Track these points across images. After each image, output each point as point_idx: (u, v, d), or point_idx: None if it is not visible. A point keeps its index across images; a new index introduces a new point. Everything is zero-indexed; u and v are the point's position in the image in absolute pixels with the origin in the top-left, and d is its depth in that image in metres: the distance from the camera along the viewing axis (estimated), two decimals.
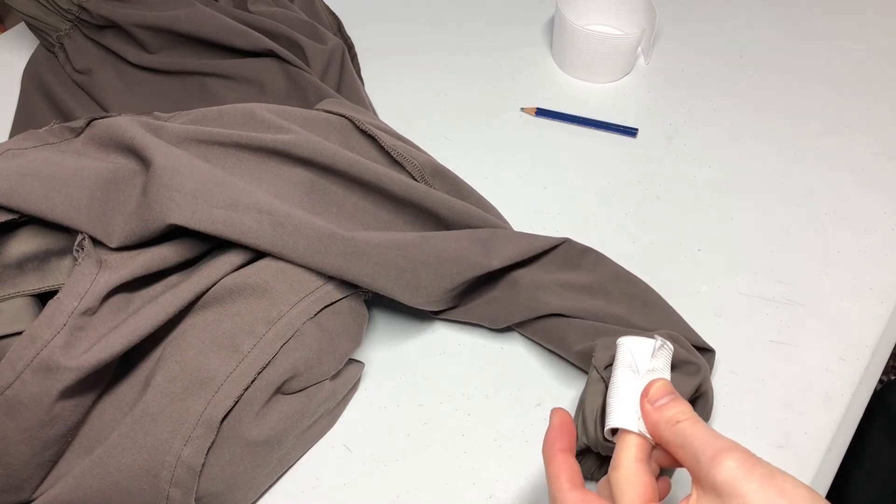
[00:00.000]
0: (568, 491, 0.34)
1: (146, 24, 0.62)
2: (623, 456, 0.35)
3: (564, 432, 0.36)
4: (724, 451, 0.31)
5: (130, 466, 0.39)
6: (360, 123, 0.51)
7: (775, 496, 0.30)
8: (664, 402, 0.35)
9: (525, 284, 0.48)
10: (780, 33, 0.74)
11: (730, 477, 0.30)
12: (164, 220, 0.42)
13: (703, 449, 0.32)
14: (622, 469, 0.35)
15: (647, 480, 0.34)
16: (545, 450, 0.36)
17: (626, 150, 0.64)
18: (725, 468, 0.30)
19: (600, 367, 0.41)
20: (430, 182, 0.52)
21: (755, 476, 0.30)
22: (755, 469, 0.30)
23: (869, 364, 0.50)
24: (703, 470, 0.31)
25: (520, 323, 0.50)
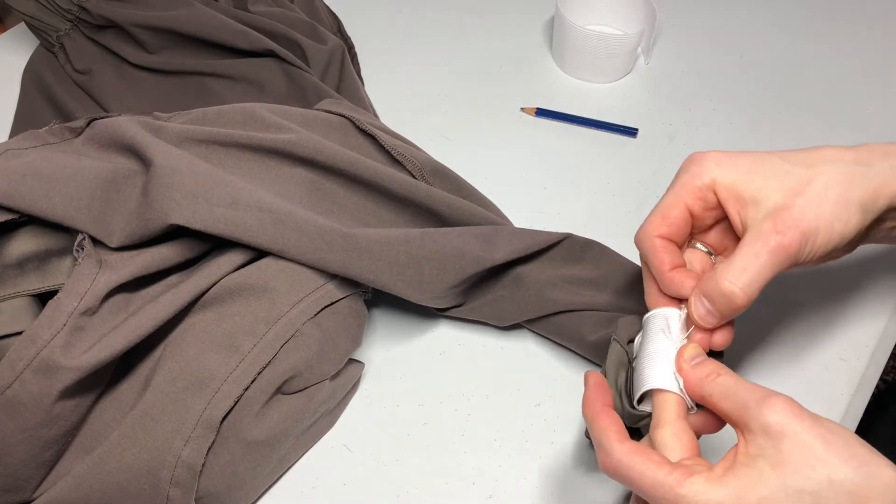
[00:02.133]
0: (619, 443, 0.34)
1: (146, 24, 0.62)
2: (665, 414, 0.36)
3: (603, 390, 0.37)
4: (773, 395, 0.32)
5: (130, 466, 0.39)
6: (359, 123, 0.52)
7: (826, 434, 0.31)
8: (698, 360, 0.36)
9: (531, 282, 0.49)
10: (780, 33, 0.74)
11: (782, 417, 0.31)
12: (165, 220, 0.42)
13: (751, 395, 0.32)
14: (667, 426, 0.35)
15: (691, 435, 0.35)
16: (587, 409, 0.36)
17: (626, 150, 0.64)
18: (777, 409, 0.31)
19: (623, 342, 0.42)
20: (430, 181, 0.52)
21: (805, 416, 0.31)
22: (802, 411, 0.31)
23: (869, 364, 0.50)
24: (752, 414, 0.32)
25: (529, 321, 0.50)
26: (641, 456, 0.33)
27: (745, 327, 0.52)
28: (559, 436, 0.47)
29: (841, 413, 0.48)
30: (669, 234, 0.39)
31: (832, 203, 0.36)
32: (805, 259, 0.37)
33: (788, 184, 0.37)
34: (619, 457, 0.33)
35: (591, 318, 0.47)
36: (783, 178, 0.37)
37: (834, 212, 0.36)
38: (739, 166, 0.38)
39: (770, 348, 0.51)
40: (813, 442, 0.30)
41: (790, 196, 0.36)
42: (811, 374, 0.49)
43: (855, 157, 0.38)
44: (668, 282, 0.39)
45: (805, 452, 0.30)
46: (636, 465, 0.33)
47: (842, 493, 0.30)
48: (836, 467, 0.30)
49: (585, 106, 0.67)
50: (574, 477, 0.45)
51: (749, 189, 0.37)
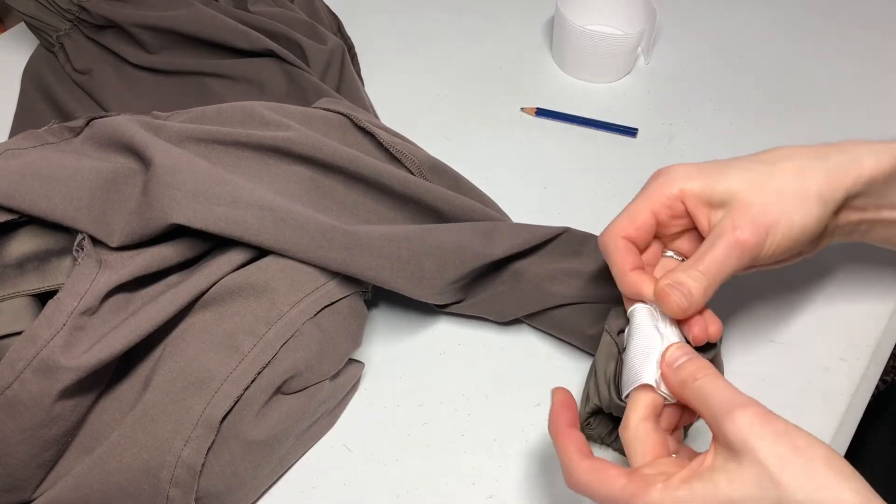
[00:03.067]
0: (578, 461, 0.35)
1: (146, 24, 0.62)
2: (632, 415, 0.37)
3: (567, 408, 0.38)
4: (739, 406, 0.32)
5: (130, 466, 0.39)
6: (357, 121, 0.52)
7: (787, 452, 0.30)
8: (682, 361, 0.36)
9: (530, 276, 0.49)
10: (780, 33, 0.74)
11: (742, 432, 0.31)
12: (166, 219, 0.42)
13: (720, 405, 0.32)
14: (630, 428, 0.36)
15: (655, 437, 0.36)
16: (551, 426, 0.38)
17: (626, 150, 0.64)
18: (738, 424, 0.31)
19: (613, 333, 0.42)
20: (428, 178, 0.52)
21: (768, 432, 0.30)
22: (769, 425, 0.31)
23: (869, 364, 0.50)
24: (717, 426, 0.32)
25: (529, 315, 0.50)
26: (598, 474, 0.34)
27: (746, 327, 0.52)
28: None
29: (841, 413, 0.48)
30: (634, 237, 0.41)
31: (791, 196, 0.38)
32: (767, 253, 0.38)
33: (750, 183, 0.38)
34: (577, 476, 0.35)
35: (590, 311, 0.48)
36: (745, 178, 0.39)
37: (793, 204, 0.38)
38: (705, 175, 0.39)
39: (770, 348, 0.51)
40: (771, 461, 0.30)
41: (751, 194, 0.38)
42: (811, 374, 0.49)
43: (812, 152, 0.39)
44: (627, 283, 0.40)
45: (761, 473, 0.30)
46: (594, 483, 0.34)
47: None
48: (787, 490, 0.29)
49: (585, 106, 0.67)
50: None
51: (716, 194, 0.39)
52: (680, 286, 0.38)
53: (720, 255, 0.38)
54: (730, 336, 0.51)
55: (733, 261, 0.38)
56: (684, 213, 0.40)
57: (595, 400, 0.42)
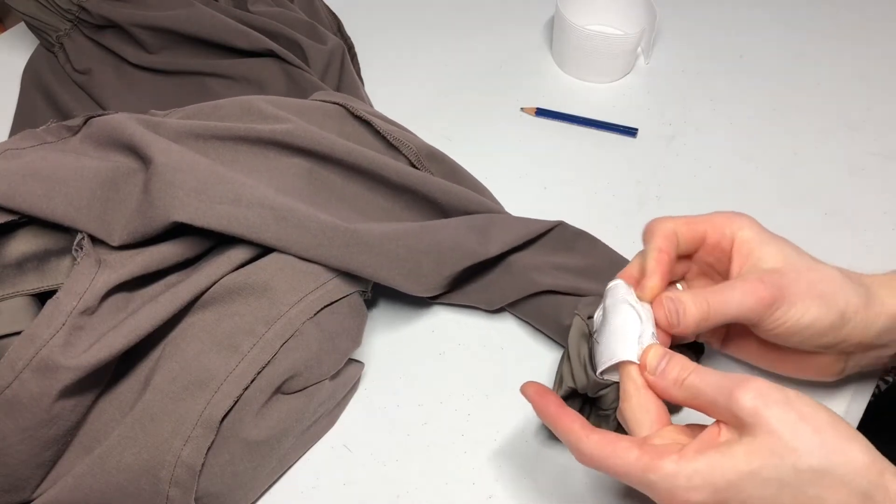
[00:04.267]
0: (587, 435, 0.35)
1: (146, 24, 0.62)
2: (629, 386, 0.37)
3: (548, 393, 0.38)
4: (740, 385, 0.32)
5: (130, 466, 0.39)
6: (354, 110, 0.52)
7: (796, 420, 0.31)
8: (663, 365, 0.36)
9: (520, 267, 0.50)
10: (780, 33, 0.74)
11: (751, 406, 0.32)
12: (168, 218, 0.42)
13: (718, 392, 0.33)
14: (632, 398, 0.36)
15: (658, 405, 0.36)
16: (543, 413, 0.38)
17: (626, 150, 0.64)
18: (744, 400, 0.32)
19: (583, 316, 0.43)
20: (426, 165, 0.52)
21: (773, 402, 0.32)
22: (772, 395, 0.32)
23: None
24: (722, 410, 0.33)
25: (513, 304, 0.50)
26: (610, 446, 0.34)
27: None
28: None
29: (841, 413, 0.48)
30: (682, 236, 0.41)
31: (818, 294, 0.39)
32: (774, 321, 0.39)
33: (793, 261, 0.40)
34: (590, 451, 0.35)
35: (570, 304, 0.48)
36: (792, 256, 0.40)
37: (817, 300, 0.39)
38: (764, 233, 0.41)
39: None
40: (781, 430, 0.31)
41: (789, 268, 0.39)
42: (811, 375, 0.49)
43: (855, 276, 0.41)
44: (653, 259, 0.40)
45: (774, 442, 0.31)
46: (607, 455, 0.34)
47: (805, 482, 0.31)
48: (801, 456, 0.31)
49: (585, 106, 0.67)
50: (574, 477, 0.45)
51: (761, 250, 0.40)
52: (678, 303, 0.38)
53: (733, 296, 0.38)
54: None
55: (742, 306, 0.38)
56: (726, 253, 0.41)
57: (570, 382, 0.42)
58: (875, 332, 0.40)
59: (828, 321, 0.39)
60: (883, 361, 0.44)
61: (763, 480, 0.31)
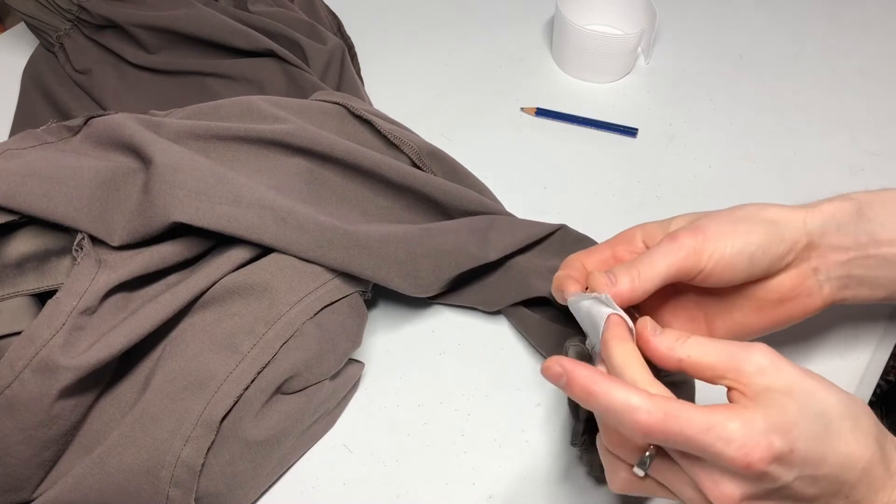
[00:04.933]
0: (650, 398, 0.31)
1: (146, 24, 0.62)
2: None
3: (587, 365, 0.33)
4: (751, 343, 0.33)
5: (130, 466, 0.39)
6: (354, 109, 0.52)
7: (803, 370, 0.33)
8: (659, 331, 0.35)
9: (519, 270, 0.50)
10: (780, 33, 0.74)
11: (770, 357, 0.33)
12: (168, 218, 0.42)
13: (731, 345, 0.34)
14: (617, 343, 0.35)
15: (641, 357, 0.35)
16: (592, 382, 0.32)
17: (626, 150, 0.64)
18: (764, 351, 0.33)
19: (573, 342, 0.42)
20: (427, 164, 0.52)
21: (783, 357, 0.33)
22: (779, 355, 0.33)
23: (869, 364, 0.50)
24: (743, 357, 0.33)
25: (508, 310, 0.51)
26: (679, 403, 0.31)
27: None
28: (559, 435, 0.47)
29: None
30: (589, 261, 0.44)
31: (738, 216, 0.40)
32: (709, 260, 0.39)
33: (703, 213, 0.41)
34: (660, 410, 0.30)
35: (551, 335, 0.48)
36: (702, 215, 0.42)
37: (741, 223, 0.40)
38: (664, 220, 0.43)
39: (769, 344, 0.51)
40: (801, 376, 0.33)
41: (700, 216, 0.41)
42: None
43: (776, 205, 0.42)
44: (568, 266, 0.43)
45: (802, 383, 0.32)
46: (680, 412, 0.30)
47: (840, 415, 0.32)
48: (828, 395, 0.32)
49: (585, 106, 0.67)
50: (574, 477, 0.45)
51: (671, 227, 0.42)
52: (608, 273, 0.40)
53: (656, 251, 0.40)
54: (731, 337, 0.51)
55: (668, 260, 0.39)
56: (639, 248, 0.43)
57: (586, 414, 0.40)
58: (816, 231, 0.41)
59: (760, 233, 0.39)
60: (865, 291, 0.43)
61: (813, 416, 0.31)
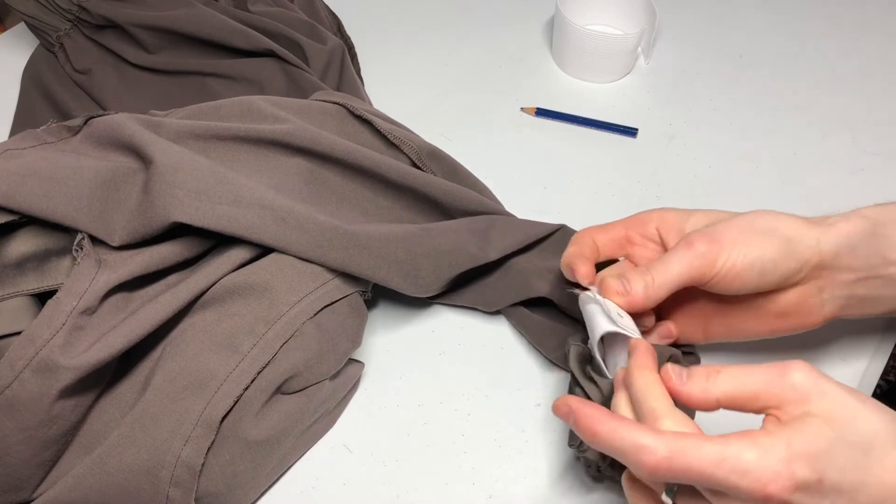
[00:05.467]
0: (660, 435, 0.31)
1: (146, 24, 0.62)
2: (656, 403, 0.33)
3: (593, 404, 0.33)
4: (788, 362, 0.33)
5: (130, 466, 0.39)
6: (354, 109, 0.52)
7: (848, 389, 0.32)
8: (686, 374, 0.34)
9: (519, 270, 0.50)
10: (780, 33, 0.74)
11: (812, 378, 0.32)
12: (168, 218, 0.42)
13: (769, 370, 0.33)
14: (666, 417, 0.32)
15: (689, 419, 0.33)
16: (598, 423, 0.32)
17: (626, 150, 0.64)
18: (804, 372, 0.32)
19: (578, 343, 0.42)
20: (427, 164, 0.52)
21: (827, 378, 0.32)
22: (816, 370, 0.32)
23: (869, 364, 0.50)
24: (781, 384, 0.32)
25: (508, 310, 0.51)
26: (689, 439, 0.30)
27: None
28: (559, 436, 0.47)
29: None
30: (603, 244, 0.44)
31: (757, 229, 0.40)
32: (721, 268, 0.39)
33: (721, 215, 0.42)
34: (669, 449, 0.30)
35: (552, 333, 0.49)
36: (719, 216, 0.42)
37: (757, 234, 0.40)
38: (686, 210, 0.43)
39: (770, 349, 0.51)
40: (846, 398, 0.31)
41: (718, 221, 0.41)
42: None
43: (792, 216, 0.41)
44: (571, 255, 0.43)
45: (846, 408, 0.31)
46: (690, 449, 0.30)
47: (883, 441, 0.31)
48: (874, 420, 0.31)
49: (585, 106, 0.67)
50: (574, 477, 0.45)
51: (688, 224, 0.42)
52: (623, 279, 0.40)
53: (671, 257, 0.40)
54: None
55: (682, 266, 0.39)
56: (657, 238, 0.43)
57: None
58: (830, 251, 0.40)
59: (773, 249, 0.39)
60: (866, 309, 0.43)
61: (850, 444, 0.30)
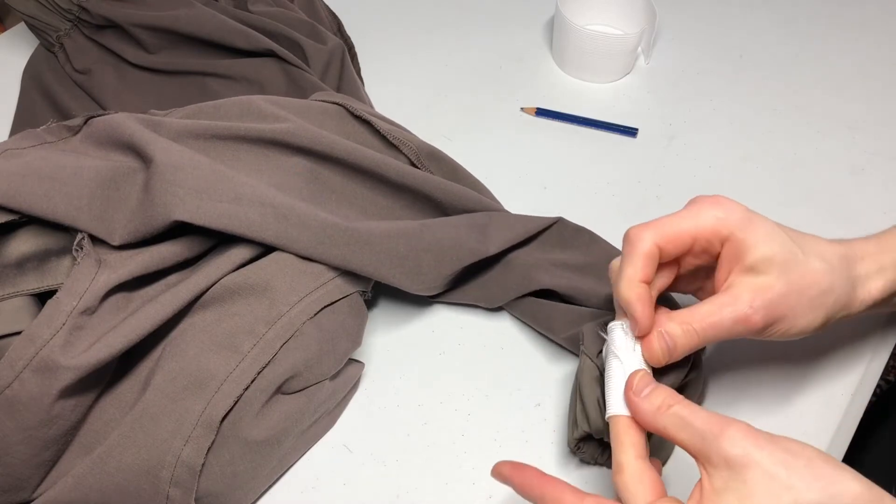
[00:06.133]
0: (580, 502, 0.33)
1: (146, 24, 0.62)
2: (623, 456, 0.35)
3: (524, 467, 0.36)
4: (729, 424, 0.32)
5: (130, 466, 0.39)
6: (353, 110, 0.52)
7: (788, 457, 0.31)
8: (648, 391, 0.35)
9: (519, 264, 0.50)
10: (780, 33, 0.74)
11: (742, 447, 0.31)
12: (168, 216, 0.42)
13: (707, 427, 0.32)
14: (626, 471, 0.35)
15: (653, 475, 0.34)
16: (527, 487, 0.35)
17: (626, 150, 0.64)
18: (736, 440, 0.31)
19: (592, 356, 0.42)
20: (426, 165, 0.53)
21: (763, 442, 0.31)
22: (760, 437, 0.31)
23: (869, 364, 0.50)
24: (710, 447, 0.32)
25: (512, 302, 0.51)
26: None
27: None
28: (559, 436, 0.47)
29: (841, 413, 0.48)
30: (664, 249, 0.39)
31: (808, 300, 0.38)
32: (762, 336, 0.39)
33: (783, 264, 0.38)
34: None
35: (564, 314, 0.48)
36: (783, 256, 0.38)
37: (807, 308, 0.39)
38: (756, 233, 0.38)
39: (770, 348, 0.51)
40: (776, 469, 0.30)
41: (778, 276, 0.38)
42: (811, 375, 0.49)
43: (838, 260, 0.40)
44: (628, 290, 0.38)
45: (770, 482, 0.30)
46: None
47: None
48: (801, 492, 0.30)
49: (585, 106, 0.67)
50: (574, 477, 0.45)
51: (753, 258, 0.38)
52: (669, 338, 0.38)
53: (723, 322, 0.37)
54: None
55: (732, 333, 0.38)
56: (717, 254, 0.39)
57: (584, 426, 0.41)
58: (857, 312, 0.41)
59: (817, 323, 0.39)
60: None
61: None
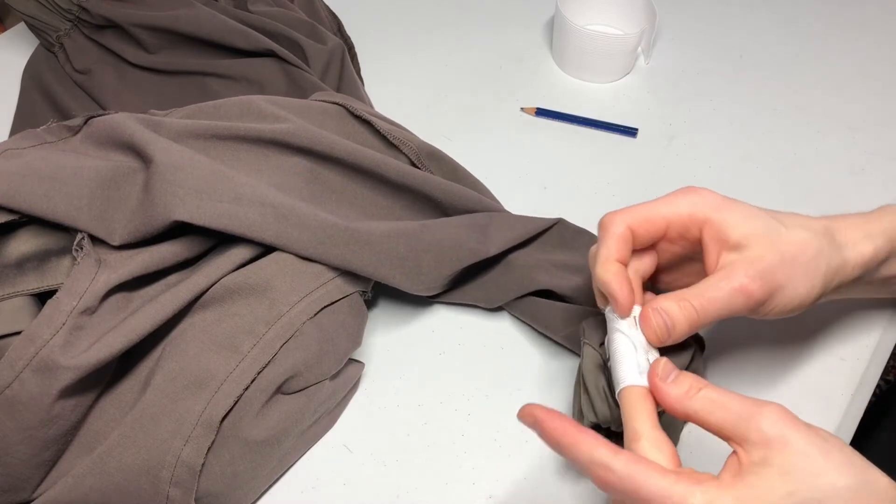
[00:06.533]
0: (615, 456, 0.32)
1: (146, 24, 0.62)
2: (640, 424, 0.34)
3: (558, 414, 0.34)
4: (764, 404, 0.32)
5: (130, 466, 0.39)
6: (354, 110, 0.52)
7: (821, 443, 0.31)
8: (674, 376, 0.35)
9: (519, 265, 0.50)
10: (780, 33, 0.74)
11: (780, 427, 0.31)
12: (169, 217, 0.42)
13: (742, 407, 0.32)
14: (644, 438, 0.34)
15: (671, 444, 0.34)
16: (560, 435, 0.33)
17: (626, 150, 0.64)
18: (774, 419, 0.32)
19: (595, 345, 0.42)
20: (426, 165, 0.53)
21: (800, 425, 0.32)
22: (796, 420, 0.32)
23: (869, 364, 0.50)
24: (748, 425, 0.32)
25: (511, 302, 0.51)
26: (643, 464, 0.31)
27: (746, 328, 0.52)
28: None
29: (840, 413, 0.48)
30: (638, 233, 0.39)
31: (801, 268, 0.39)
32: (764, 311, 0.39)
33: (767, 238, 0.38)
34: (621, 470, 0.31)
35: (563, 312, 0.48)
36: (765, 230, 0.39)
37: (802, 277, 0.39)
38: (731, 211, 0.39)
39: (770, 348, 0.51)
40: (812, 451, 0.31)
41: (766, 249, 0.38)
42: (811, 375, 0.49)
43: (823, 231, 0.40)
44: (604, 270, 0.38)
45: (808, 461, 0.31)
46: (640, 474, 0.31)
47: (844, 499, 0.30)
48: (837, 475, 0.30)
49: (585, 106, 0.67)
50: (574, 477, 0.45)
51: (734, 235, 0.38)
52: (665, 315, 0.37)
53: (722, 297, 0.37)
54: (730, 337, 0.51)
55: (732, 307, 0.37)
56: (695, 240, 0.40)
57: (591, 417, 0.41)
58: (853, 279, 0.41)
59: (817, 291, 0.39)
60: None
61: (804, 501, 0.30)
